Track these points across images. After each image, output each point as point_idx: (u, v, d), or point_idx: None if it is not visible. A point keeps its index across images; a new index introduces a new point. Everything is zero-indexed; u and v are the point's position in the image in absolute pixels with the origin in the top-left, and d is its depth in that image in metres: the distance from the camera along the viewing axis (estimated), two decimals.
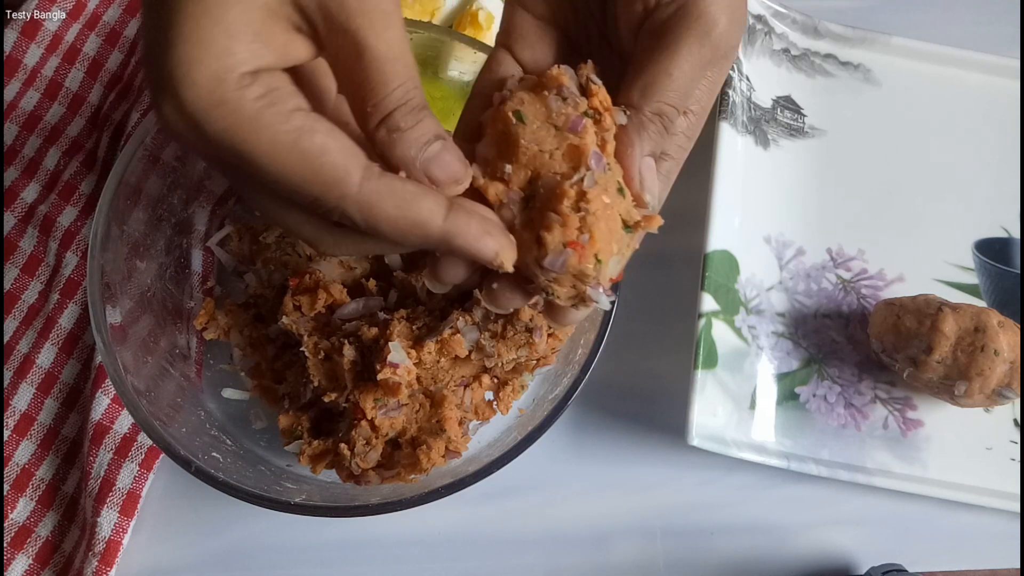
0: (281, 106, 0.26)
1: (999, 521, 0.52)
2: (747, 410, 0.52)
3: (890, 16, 0.64)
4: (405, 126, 0.28)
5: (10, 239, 0.54)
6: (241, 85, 0.25)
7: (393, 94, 0.28)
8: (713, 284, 0.52)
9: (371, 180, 0.27)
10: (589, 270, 0.30)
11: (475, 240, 0.28)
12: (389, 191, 0.27)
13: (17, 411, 0.51)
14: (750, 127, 0.57)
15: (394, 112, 0.28)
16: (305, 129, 0.26)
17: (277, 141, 0.26)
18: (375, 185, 0.27)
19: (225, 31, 0.25)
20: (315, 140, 0.26)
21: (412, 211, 0.28)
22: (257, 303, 0.51)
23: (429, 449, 0.44)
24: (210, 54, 0.25)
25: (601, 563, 0.51)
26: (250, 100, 0.26)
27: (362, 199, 0.27)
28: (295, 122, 0.26)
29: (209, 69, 0.25)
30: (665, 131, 0.32)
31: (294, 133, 0.26)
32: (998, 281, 0.57)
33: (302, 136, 0.26)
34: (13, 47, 0.57)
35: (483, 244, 0.29)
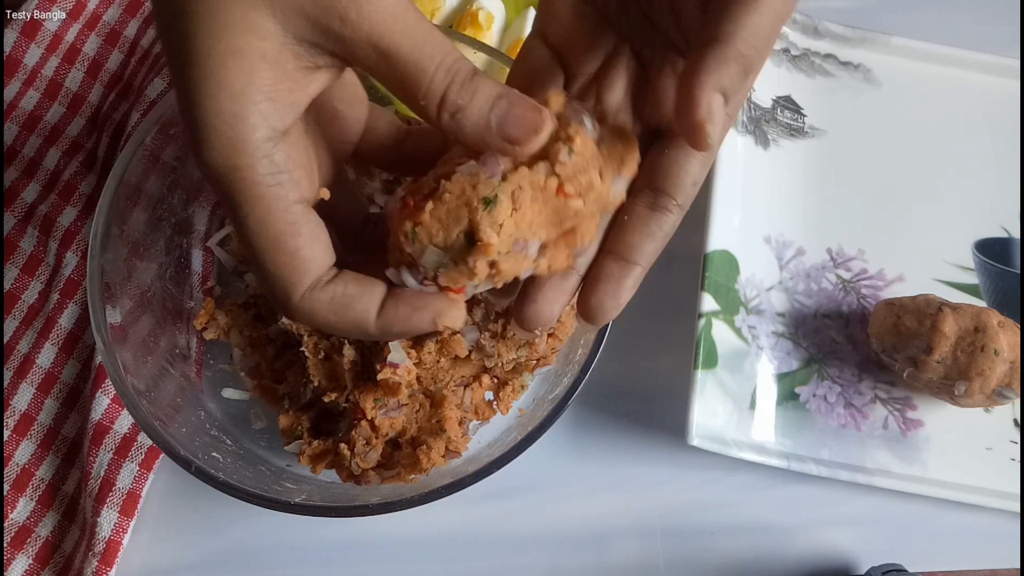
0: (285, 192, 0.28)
1: (999, 521, 0.52)
2: (747, 410, 0.52)
3: (890, 16, 0.64)
4: (463, 102, 0.28)
5: (10, 239, 0.54)
6: (258, 156, 0.27)
7: (436, 76, 0.28)
8: (713, 284, 0.52)
9: (315, 289, 0.29)
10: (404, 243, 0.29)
11: (407, 323, 0.30)
12: (327, 298, 0.29)
13: (17, 411, 0.51)
14: (750, 127, 0.57)
15: (447, 93, 0.28)
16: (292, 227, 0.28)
17: (266, 225, 0.28)
18: (317, 294, 0.29)
19: (229, 94, 0.26)
20: (295, 241, 0.28)
21: (348, 315, 0.29)
22: (257, 303, 0.51)
23: (429, 449, 0.44)
24: (222, 121, 0.26)
25: (601, 563, 0.51)
26: (260, 176, 0.27)
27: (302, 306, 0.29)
28: (288, 216, 0.28)
29: (224, 136, 0.26)
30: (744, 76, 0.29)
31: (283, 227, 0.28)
32: (998, 281, 0.57)
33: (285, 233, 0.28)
34: (13, 47, 0.57)
35: (417, 322, 0.30)
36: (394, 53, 0.27)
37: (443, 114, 0.28)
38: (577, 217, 0.30)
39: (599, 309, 0.32)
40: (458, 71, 0.28)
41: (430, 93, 0.28)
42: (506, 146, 0.28)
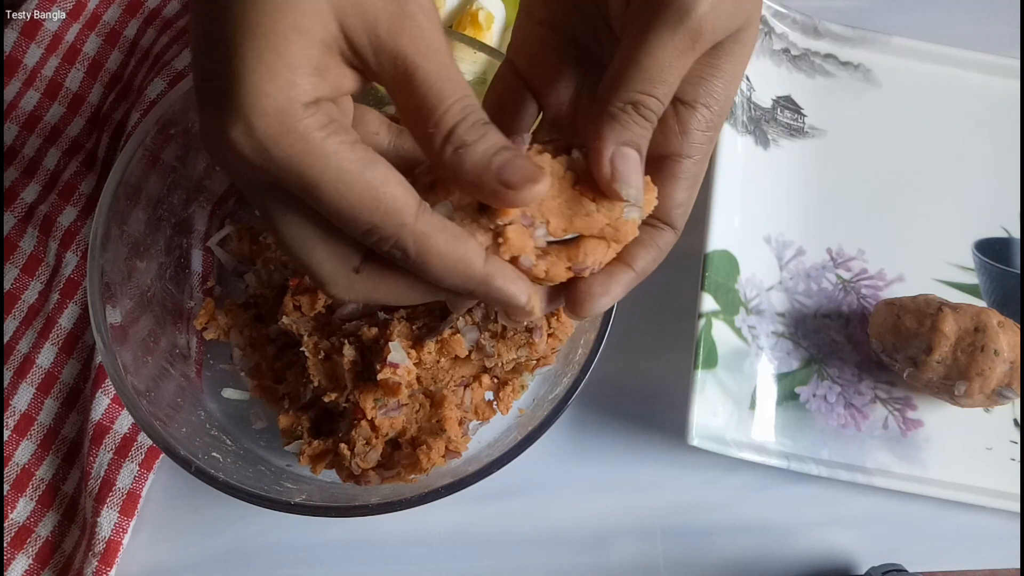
0: (344, 136, 0.27)
1: (999, 521, 0.52)
2: (747, 410, 0.52)
3: (890, 16, 0.63)
4: (470, 139, 0.28)
5: (10, 239, 0.54)
6: (306, 115, 0.27)
7: (451, 109, 0.28)
8: (713, 284, 0.52)
9: (426, 214, 0.28)
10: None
11: (511, 282, 0.29)
12: (442, 226, 0.28)
13: (17, 411, 0.51)
14: (750, 127, 0.57)
15: (456, 127, 0.28)
16: (368, 160, 0.27)
17: (343, 169, 0.27)
18: (430, 219, 0.28)
19: (288, 64, 0.26)
20: (378, 170, 0.27)
21: (461, 248, 0.28)
22: (257, 303, 0.51)
23: (429, 449, 0.44)
24: (276, 86, 0.26)
25: (601, 563, 0.51)
26: (315, 128, 0.27)
27: (418, 230, 0.28)
28: (358, 151, 0.27)
29: (276, 100, 0.26)
30: (644, 120, 0.30)
31: (359, 163, 0.27)
32: (998, 281, 0.57)
33: (366, 166, 0.27)
34: (13, 47, 0.57)
35: (517, 287, 0.29)
36: (420, 76, 0.28)
37: (448, 146, 0.28)
38: (588, 221, 0.30)
39: (587, 296, 0.31)
40: (472, 112, 0.28)
41: (441, 123, 0.28)
42: (500, 188, 0.28)
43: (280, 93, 0.26)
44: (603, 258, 0.31)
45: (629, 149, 0.29)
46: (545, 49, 0.34)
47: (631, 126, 0.30)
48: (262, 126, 0.26)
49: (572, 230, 0.30)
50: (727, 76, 0.32)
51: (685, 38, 0.29)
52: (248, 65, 0.26)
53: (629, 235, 0.31)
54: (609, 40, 0.33)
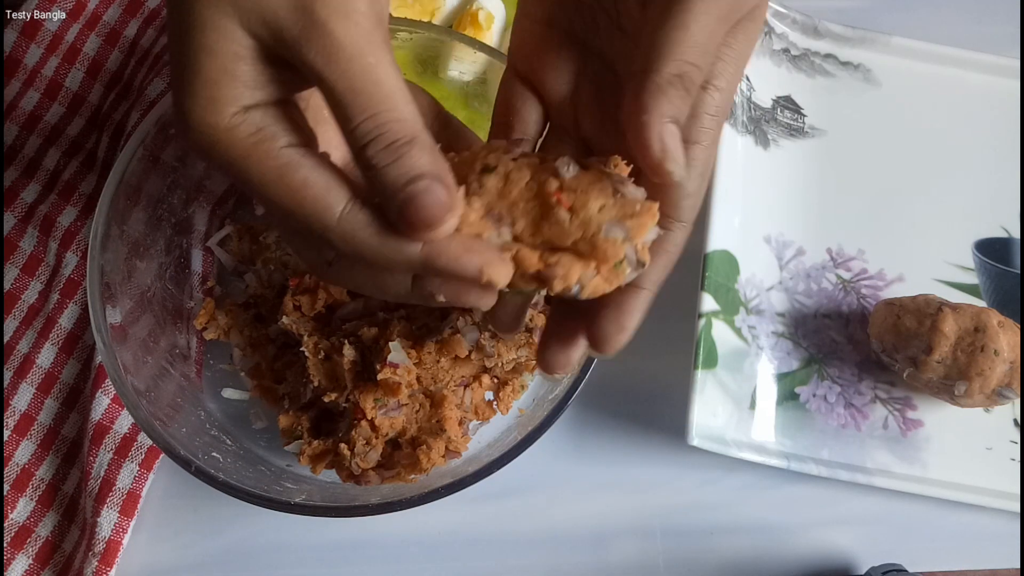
0: (269, 143, 0.28)
1: (999, 521, 0.52)
2: (747, 410, 0.52)
3: (890, 16, 0.63)
4: (379, 164, 0.27)
5: (10, 239, 0.54)
6: (232, 124, 0.28)
7: (359, 128, 0.27)
8: (713, 284, 0.52)
9: (352, 211, 0.28)
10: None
11: (457, 259, 0.28)
12: (368, 219, 0.28)
13: (17, 411, 0.51)
14: (750, 127, 0.57)
15: (365, 149, 0.27)
16: (290, 165, 0.28)
17: (264, 174, 0.28)
18: (355, 215, 0.28)
19: (204, 82, 0.28)
20: (298, 174, 0.28)
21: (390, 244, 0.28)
22: (257, 303, 0.51)
23: (429, 449, 0.44)
24: (197, 103, 0.28)
25: (601, 563, 0.51)
26: (240, 138, 0.28)
27: (343, 228, 0.28)
28: (281, 158, 0.28)
29: (197, 116, 0.28)
30: (687, 94, 0.28)
31: (279, 168, 0.28)
32: (998, 281, 0.57)
33: (285, 171, 0.28)
34: (13, 47, 0.57)
35: (466, 260, 0.28)
36: (329, 88, 0.27)
37: (360, 165, 0.28)
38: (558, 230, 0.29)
39: (603, 339, 0.31)
40: (387, 132, 0.27)
41: (351, 139, 0.28)
42: (403, 227, 0.27)
43: (200, 110, 0.28)
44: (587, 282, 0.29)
45: (673, 125, 0.28)
46: (544, 47, 0.34)
47: (676, 99, 0.28)
48: (193, 140, 0.28)
49: (540, 236, 0.29)
50: (739, 56, 0.30)
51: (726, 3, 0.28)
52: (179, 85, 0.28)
53: (610, 256, 0.28)
54: (609, 31, 0.33)
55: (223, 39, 0.27)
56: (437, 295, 0.30)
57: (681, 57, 0.28)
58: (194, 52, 0.27)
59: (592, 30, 0.33)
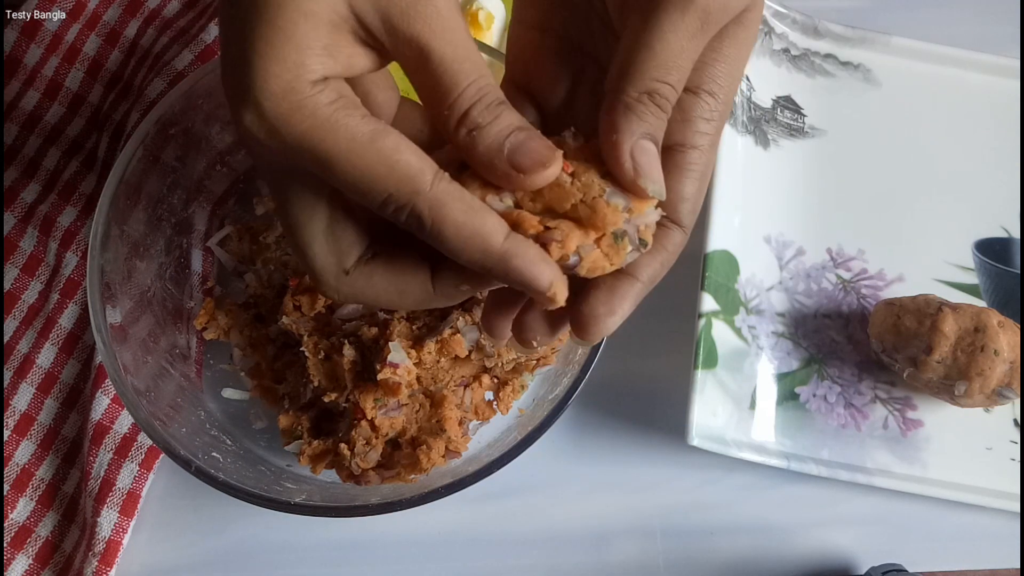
0: (354, 109, 0.28)
1: (999, 521, 0.52)
2: (747, 410, 0.52)
3: (890, 16, 0.63)
4: (484, 121, 0.28)
5: (10, 239, 0.54)
6: (314, 91, 0.27)
7: (466, 92, 0.28)
8: (713, 284, 0.52)
9: (443, 182, 0.28)
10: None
11: (532, 264, 0.28)
12: (459, 195, 0.28)
13: (17, 411, 0.51)
14: (750, 127, 0.57)
15: (470, 110, 0.28)
16: (379, 130, 0.27)
17: (354, 140, 0.27)
18: (447, 187, 0.28)
19: (296, 47, 0.27)
20: (389, 139, 0.27)
21: (478, 219, 0.28)
22: (257, 303, 0.51)
23: (429, 449, 0.44)
24: (284, 68, 0.27)
25: (601, 563, 0.51)
26: (324, 104, 0.27)
27: (434, 197, 0.27)
28: (370, 123, 0.27)
29: (283, 80, 0.27)
30: (660, 109, 0.29)
31: (370, 133, 0.27)
32: (998, 281, 0.57)
33: (378, 135, 0.27)
34: (13, 47, 0.57)
35: (539, 270, 0.28)
36: (435, 58, 0.27)
37: (461, 128, 0.28)
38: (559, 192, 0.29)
39: (592, 317, 0.30)
40: (487, 94, 0.28)
41: (456, 105, 0.28)
42: (511, 172, 0.28)
43: (288, 73, 0.27)
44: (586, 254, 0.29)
45: (647, 142, 0.28)
46: (539, 54, 0.34)
47: (647, 116, 0.28)
48: (271, 107, 0.27)
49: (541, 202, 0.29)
50: (731, 61, 0.30)
51: (695, 19, 0.28)
52: (257, 50, 0.27)
53: (609, 222, 0.28)
54: (603, 35, 0.33)
55: (324, 5, 0.27)
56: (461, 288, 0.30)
57: (649, 76, 0.28)
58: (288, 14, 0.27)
59: (586, 34, 0.33)
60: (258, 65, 0.27)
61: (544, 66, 0.34)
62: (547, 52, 0.34)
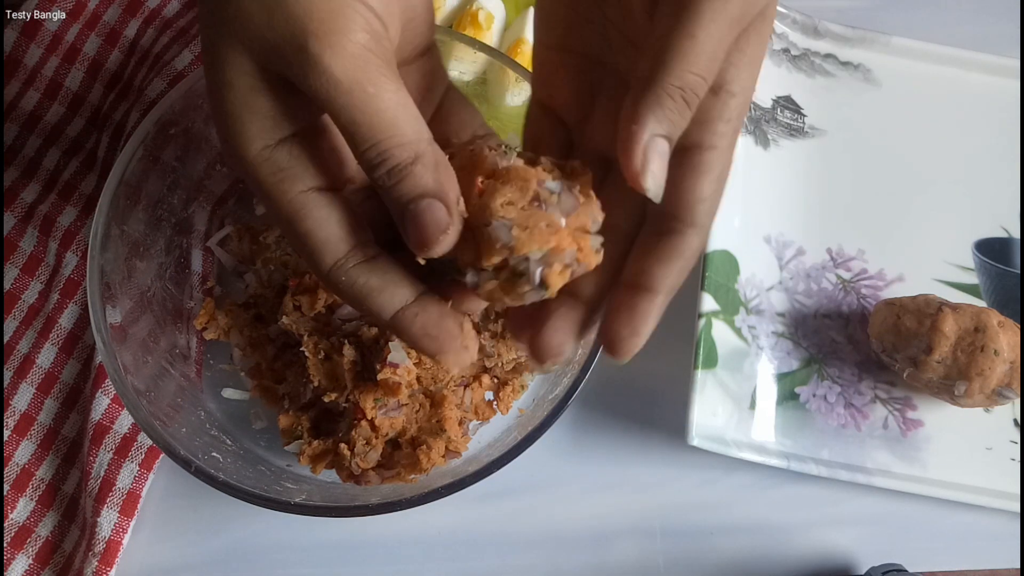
0: (288, 185, 0.29)
1: (999, 521, 0.52)
2: (747, 410, 0.52)
3: (890, 16, 0.63)
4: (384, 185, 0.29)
5: (10, 239, 0.54)
6: (259, 160, 0.29)
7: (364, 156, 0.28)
8: (713, 284, 0.52)
9: (337, 271, 0.30)
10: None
11: (416, 340, 0.30)
12: (349, 283, 0.30)
13: (17, 411, 0.51)
14: (750, 127, 0.57)
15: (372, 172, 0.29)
16: (300, 213, 0.29)
17: (278, 214, 0.30)
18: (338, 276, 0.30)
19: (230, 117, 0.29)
20: (303, 225, 0.29)
21: (364, 304, 0.30)
22: (257, 303, 0.51)
23: (429, 449, 0.44)
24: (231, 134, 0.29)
25: (601, 563, 0.51)
26: (264, 175, 0.29)
27: (328, 279, 0.30)
28: (294, 205, 0.29)
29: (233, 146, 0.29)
30: (687, 107, 0.27)
31: (290, 215, 0.29)
32: (998, 281, 0.57)
33: (294, 219, 0.29)
34: (13, 47, 0.57)
35: (423, 344, 0.30)
36: (335, 119, 0.28)
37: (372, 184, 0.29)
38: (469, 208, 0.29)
39: (616, 341, 0.31)
40: (389, 158, 0.28)
41: (360, 163, 0.29)
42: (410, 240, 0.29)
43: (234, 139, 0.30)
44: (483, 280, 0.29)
45: (662, 140, 0.28)
46: (561, 72, 0.34)
47: (672, 114, 0.27)
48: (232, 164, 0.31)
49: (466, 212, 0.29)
50: (752, 59, 0.30)
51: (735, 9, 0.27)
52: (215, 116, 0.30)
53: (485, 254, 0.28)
54: (622, 45, 0.32)
55: (237, 73, 0.28)
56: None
57: (686, 68, 0.27)
58: (218, 87, 0.29)
59: (605, 47, 0.33)
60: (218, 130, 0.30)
61: (566, 84, 0.34)
62: (568, 70, 0.34)
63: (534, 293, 0.29)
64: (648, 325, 0.31)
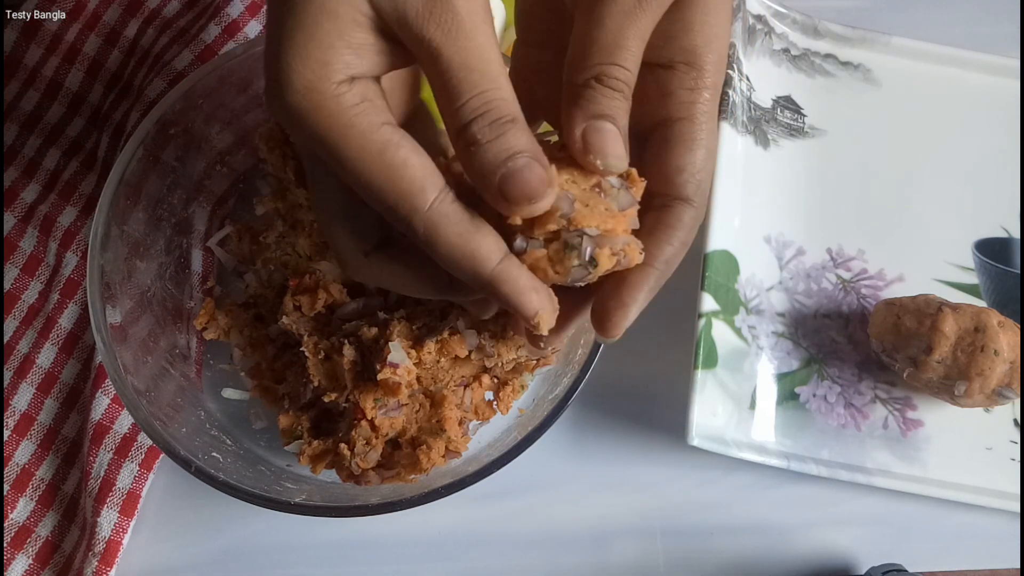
0: (373, 116, 0.28)
1: (999, 521, 0.52)
2: (747, 410, 0.52)
3: (890, 16, 0.63)
4: (483, 139, 0.28)
5: (10, 239, 0.54)
6: (338, 92, 0.28)
7: (469, 104, 0.28)
8: (713, 284, 0.52)
9: (443, 203, 0.28)
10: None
11: (520, 292, 0.29)
12: (457, 218, 0.28)
13: (17, 411, 0.51)
14: (750, 127, 0.57)
15: (470, 124, 0.28)
16: (392, 142, 0.28)
17: (365, 148, 0.28)
18: (445, 208, 0.28)
19: (319, 44, 0.27)
20: (399, 153, 0.28)
21: (472, 243, 0.28)
22: (257, 303, 0.51)
23: (429, 449, 0.44)
24: (307, 65, 0.27)
25: (601, 563, 0.51)
26: (345, 107, 0.28)
27: (429, 217, 0.28)
28: (384, 134, 0.28)
29: (305, 78, 0.28)
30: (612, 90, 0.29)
31: (381, 143, 0.28)
32: (998, 281, 0.57)
33: (388, 147, 0.28)
34: (13, 47, 0.57)
35: (527, 298, 0.29)
36: (444, 63, 0.28)
37: (460, 141, 0.28)
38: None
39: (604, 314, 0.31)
40: (494, 109, 0.28)
41: (457, 115, 0.28)
42: (499, 200, 0.28)
43: (311, 71, 0.27)
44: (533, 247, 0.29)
45: (601, 122, 0.29)
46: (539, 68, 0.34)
47: (597, 99, 0.29)
48: (293, 101, 0.28)
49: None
50: (702, 28, 0.30)
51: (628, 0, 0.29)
52: (284, 46, 0.28)
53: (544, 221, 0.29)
54: None
55: (346, 4, 0.27)
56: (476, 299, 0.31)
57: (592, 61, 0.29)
58: (313, 12, 0.27)
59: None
60: (283, 60, 0.28)
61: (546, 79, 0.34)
62: (547, 66, 0.34)
63: (580, 270, 0.29)
64: (636, 297, 0.31)
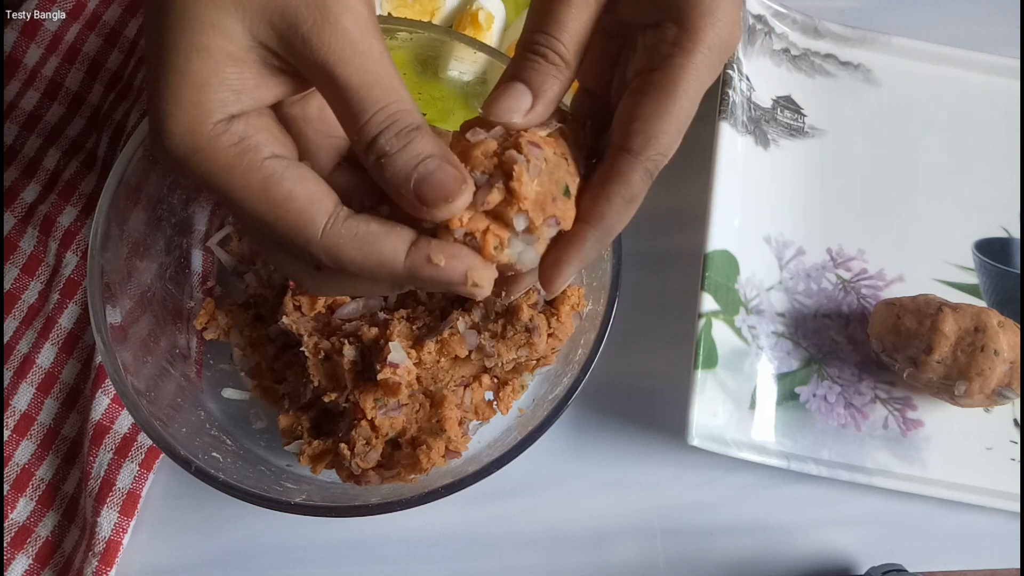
0: (253, 154, 0.28)
1: (999, 521, 0.52)
2: (747, 410, 0.52)
3: (890, 16, 0.63)
4: (391, 149, 0.28)
5: (10, 239, 0.54)
6: (214, 133, 0.27)
7: (373, 120, 0.28)
8: (713, 284, 0.52)
9: (335, 225, 0.28)
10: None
11: (440, 273, 0.28)
12: (351, 234, 0.28)
13: (17, 411, 0.51)
14: (750, 127, 0.57)
15: (377, 138, 0.28)
16: (274, 177, 0.28)
17: (247, 187, 0.28)
18: (338, 230, 0.28)
19: (190, 85, 0.27)
20: (282, 187, 0.28)
21: (374, 252, 0.28)
22: (257, 303, 0.51)
23: (429, 449, 0.44)
24: (181, 107, 0.27)
25: (601, 563, 0.51)
26: (222, 148, 0.27)
27: (326, 244, 0.28)
28: (265, 170, 0.28)
29: (182, 122, 0.27)
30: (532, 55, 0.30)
31: (262, 181, 0.28)
32: (998, 281, 0.57)
33: (269, 183, 0.28)
34: (13, 47, 0.57)
35: (448, 270, 0.29)
36: (342, 85, 0.27)
37: (369, 156, 0.28)
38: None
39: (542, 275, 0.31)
40: (398, 120, 0.28)
41: (363, 131, 0.28)
42: (416, 204, 0.28)
43: (186, 114, 0.27)
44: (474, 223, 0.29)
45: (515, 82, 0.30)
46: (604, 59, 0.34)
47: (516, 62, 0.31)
48: (171, 147, 0.27)
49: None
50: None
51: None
52: (158, 90, 0.27)
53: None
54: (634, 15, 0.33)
55: (220, 38, 0.27)
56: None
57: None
58: (184, 51, 0.27)
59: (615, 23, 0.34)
60: (159, 105, 0.27)
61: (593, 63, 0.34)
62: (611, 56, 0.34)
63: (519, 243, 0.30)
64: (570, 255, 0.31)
